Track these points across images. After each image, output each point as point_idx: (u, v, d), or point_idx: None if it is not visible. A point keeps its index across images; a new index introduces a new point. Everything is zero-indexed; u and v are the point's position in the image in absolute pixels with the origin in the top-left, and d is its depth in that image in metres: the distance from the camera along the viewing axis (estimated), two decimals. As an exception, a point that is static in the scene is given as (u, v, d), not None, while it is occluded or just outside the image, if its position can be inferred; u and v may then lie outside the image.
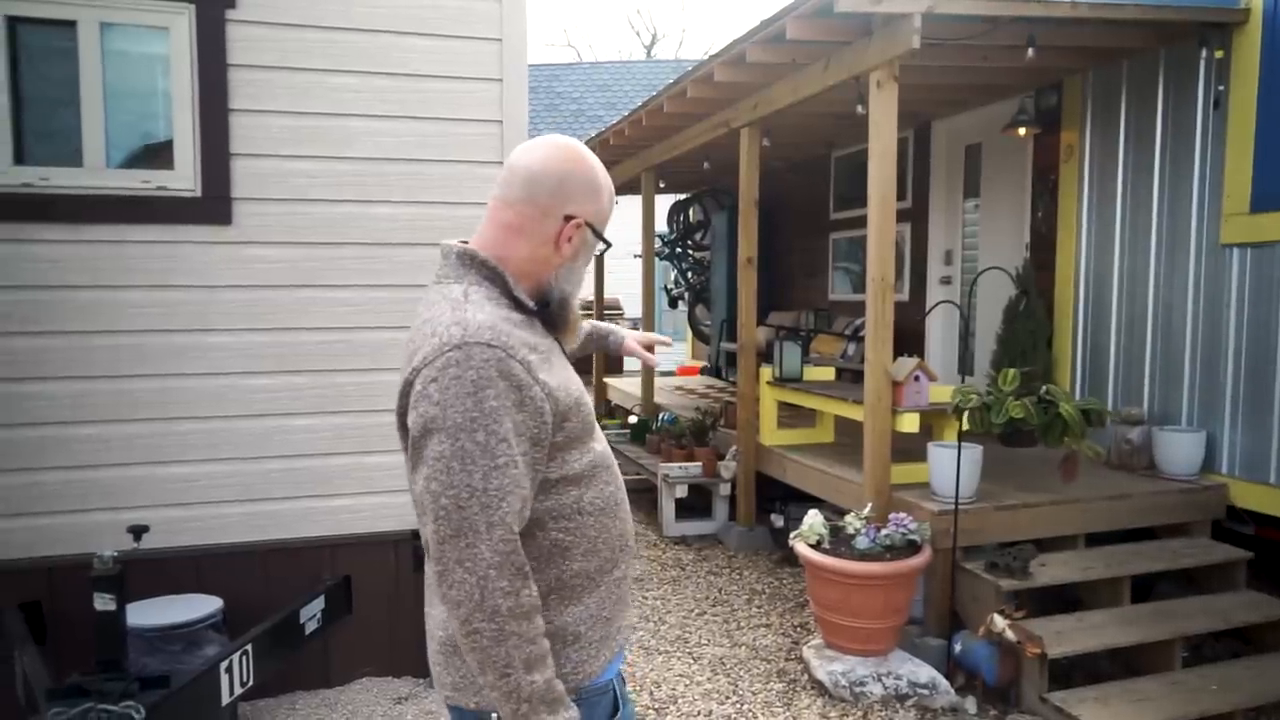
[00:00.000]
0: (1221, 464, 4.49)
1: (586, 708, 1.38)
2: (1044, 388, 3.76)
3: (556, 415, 1.35)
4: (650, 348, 2.13)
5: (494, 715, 1.35)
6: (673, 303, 11.45)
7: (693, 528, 6.14)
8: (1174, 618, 3.83)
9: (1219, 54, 4.41)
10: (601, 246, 1.52)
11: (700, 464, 6.09)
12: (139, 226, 3.33)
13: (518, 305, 1.41)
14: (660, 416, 7.21)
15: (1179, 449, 4.52)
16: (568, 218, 1.42)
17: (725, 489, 6.10)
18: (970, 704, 3.63)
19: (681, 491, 6.11)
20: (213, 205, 3.40)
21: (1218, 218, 4.48)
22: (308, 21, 3.44)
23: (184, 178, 3.38)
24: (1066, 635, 3.64)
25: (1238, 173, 4.37)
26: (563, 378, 1.40)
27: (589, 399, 1.48)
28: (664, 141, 7.17)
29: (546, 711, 1.27)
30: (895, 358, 4.35)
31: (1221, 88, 4.44)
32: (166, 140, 3.37)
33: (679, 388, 9.37)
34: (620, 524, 1.48)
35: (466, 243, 1.45)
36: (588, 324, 1.98)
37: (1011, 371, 3.80)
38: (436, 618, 1.44)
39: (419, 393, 1.30)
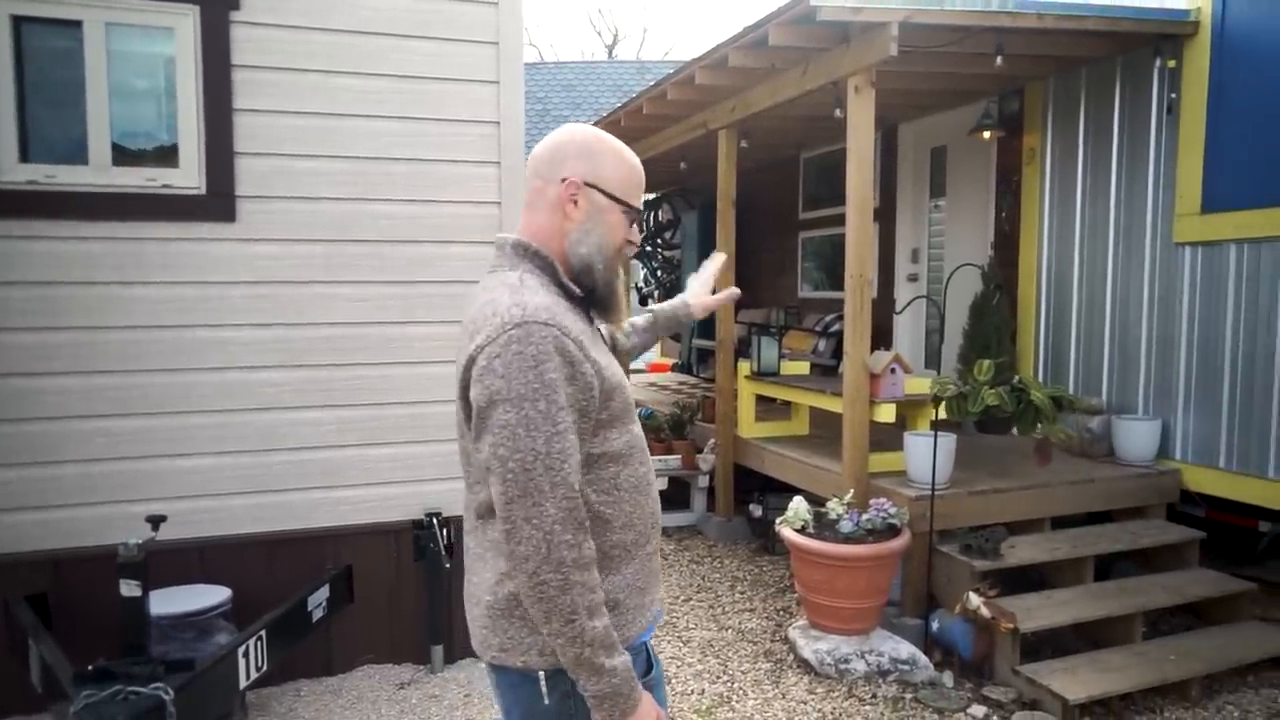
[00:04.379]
0: (1175, 450, 4.77)
1: None
2: (1016, 377, 3.98)
3: (602, 392, 1.47)
4: (714, 292, 2.10)
5: (540, 674, 1.47)
6: (643, 300, 11.59)
7: (672, 519, 6.29)
8: (1135, 594, 4.07)
9: (1171, 63, 4.68)
10: (622, 211, 1.55)
11: (679, 457, 6.25)
12: (144, 223, 3.38)
13: (566, 292, 1.55)
14: (638, 411, 7.35)
15: (1136, 437, 4.78)
16: (563, 180, 1.54)
17: (704, 481, 6.27)
18: (948, 678, 3.83)
19: (661, 484, 6.25)
20: (217, 202, 3.46)
21: (1171, 218, 4.76)
22: (311, 24, 3.53)
23: (188, 175, 3.44)
24: (1036, 611, 3.86)
25: (1189, 175, 4.65)
26: (608, 360, 1.54)
27: (629, 385, 1.61)
28: (641, 141, 7.31)
29: (605, 655, 1.39)
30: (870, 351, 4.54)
31: (1174, 95, 4.71)
32: (171, 139, 3.43)
33: (652, 384, 9.52)
34: (651, 503, 1.61)
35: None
36: (642, 319, 2.07)
37: (986, 363, 4.02)
38: (481, 584, 1.53)
39: (484, 367, 1.40)
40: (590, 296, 1.59)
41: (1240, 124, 4.43)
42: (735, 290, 2.08)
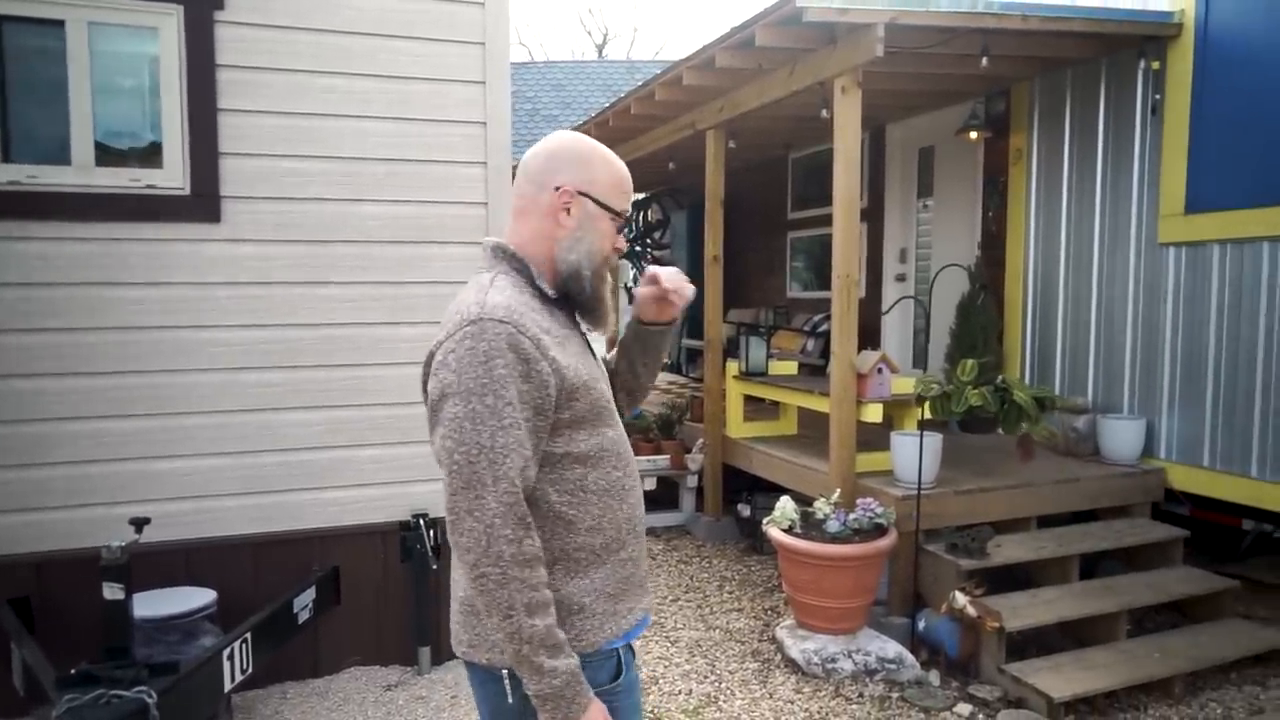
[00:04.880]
0: (1160, 449, 4.80)
1: (590, 670, 1.49)
2: (999, 377, 4.00)
3: (563, 391, 1.48)
4: (657, 283, 1.69)
5: (504, 672, 1.48)
6: (632, 300, 11.60)
7: (661, 519, 6.30)
8: (1119, 592, 4.10)
9: (1155, 65, 4.71)
10: (609, 217, 1.58)
11: (668, 457, 6.25)
12: (128, 224, 3.37)
13: (541, 295, 1.56)
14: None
15: (1121, 436, 4.81)
16: (557, 188, 1.56)
17: (692, 481, 6.28)
18: (934, 677, 3.85)
19: (650, 484, 6.26)
20: (202, 203, 3.44)
21: (1155, 218, 4.79)
22: (296, 23, 3.51)
23: (173, 176, 3.42)
24: (1022, 610, 3.88)
25: (1173, 176, 4.68)
26: (576, 361, 1.53)
27: (606, 389, 1.61)
28: (629, 142, 7.31)
29: (547, 655, 1.39)
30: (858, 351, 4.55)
31: (1158, 96, 4.74)
32: (155, 139, 3.41)
33: (641, 384, 9.50)
34: (628, 509, 1.60)
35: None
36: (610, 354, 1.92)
37: (970, 362, 4.03)
38: (458, 581, 1.57)
39: (439, 362, 1.45)
40: (576, 301, 1.60)
41: (1223, 125, 4.46)
42: (661, 289, 1.68)
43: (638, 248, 11.17)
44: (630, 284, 11.60)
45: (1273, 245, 4.21)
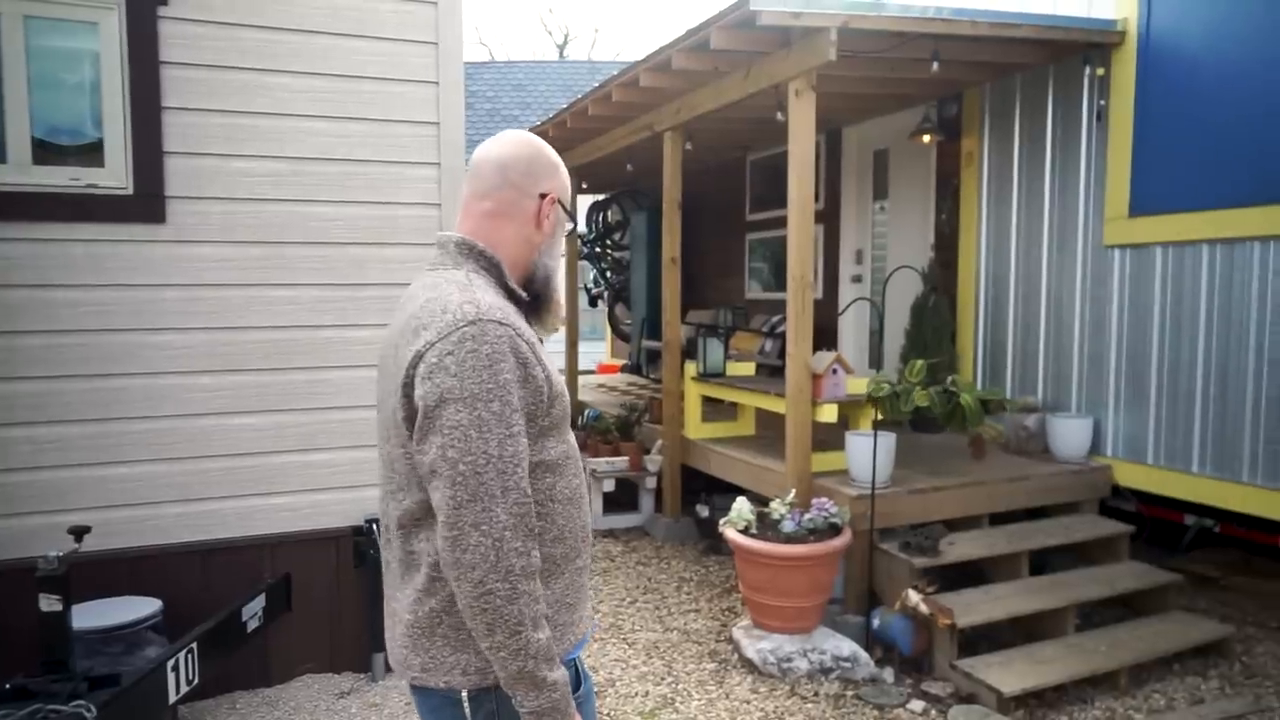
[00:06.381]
0: (1107, 447, 4.91)
1: None
2: (949, 378, 4.06)
3: (549, 397, 1.44)
4: None
5: (463, 694, 1.42)
6: (592, 301, 11.57)
7: (620, 520, 6.29)
8: (1068, 587, 4.18)
9: (1100, 72, 4.82)
10: (570, 225, 1.63)
11: (626, 458, 6.25)
12: (68, 225, 3.27)
13: (512, 295, 1.52)
14: (585, 413, 7.34)
15: (1070, 434, 4.91)
16: (542, 195, 1.55)
17: (651, 482, 6.28)
18: (888, 674, 3.89)
19: (609, 485, 6.26)
20: (145, 203, 3.36)
21: (1101, 221, 4.90)
22: (244, 20, 3.44)
23: (115, 175, 3.34)
24: (974, 606, 3.94)
25: (1118, 180, 4.79)
26: (552, 365, 1.51)
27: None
28: (588, 143, 7.29)
29: (547, 668, 1.35)
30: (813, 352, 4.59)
31: (1103, 102, 4.85)
32: (97, 137, 3.32)
33: (601, 385, 9.51)
34: (584, 515, 1.57)
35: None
36: None
37: (919, 363, 4.09)
38: (404, 600, 1.48)
39: (434, 365, 1.34)
40: (542, 304, 1.59)
41: (1165, 130, 4.58)
42: None
43: (598, 248, 11.14)
44: (591, 285, 11.57)
45: (1211, 248, 4.33)
